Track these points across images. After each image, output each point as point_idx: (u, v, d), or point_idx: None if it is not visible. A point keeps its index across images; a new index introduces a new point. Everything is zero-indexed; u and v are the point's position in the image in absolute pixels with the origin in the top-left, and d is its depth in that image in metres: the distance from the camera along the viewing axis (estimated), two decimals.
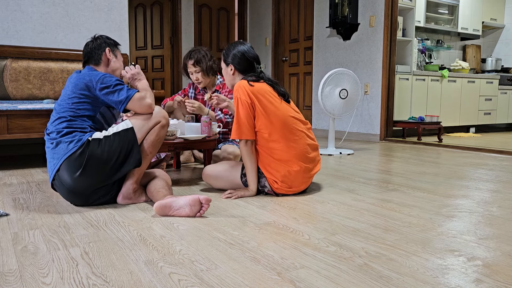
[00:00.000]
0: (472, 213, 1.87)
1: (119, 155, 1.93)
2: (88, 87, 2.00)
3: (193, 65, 2.96)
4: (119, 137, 1.94)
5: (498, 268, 1.26)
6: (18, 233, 1.58)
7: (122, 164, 1.95)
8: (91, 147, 1.89)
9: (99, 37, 2.21)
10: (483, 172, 2.94)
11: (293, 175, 2.11)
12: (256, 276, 1.20)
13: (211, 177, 2.25)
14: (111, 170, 1.93)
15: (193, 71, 2.99)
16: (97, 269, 1.25)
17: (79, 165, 1.87)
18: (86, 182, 1.90)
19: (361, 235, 1.56)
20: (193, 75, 3.01)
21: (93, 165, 1.88)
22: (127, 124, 1.99)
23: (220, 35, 6.98)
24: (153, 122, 2.03)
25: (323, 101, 3.85)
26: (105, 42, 2.19)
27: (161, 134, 2.06)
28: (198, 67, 2.95)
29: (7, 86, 3.42)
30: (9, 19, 3.58)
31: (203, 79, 3.00)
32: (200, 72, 2.96)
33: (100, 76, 2.02)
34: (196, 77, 3.00)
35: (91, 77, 2.02)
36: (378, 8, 4.88)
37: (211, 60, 2.99)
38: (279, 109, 2.11)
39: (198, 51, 2.98)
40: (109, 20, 4.03)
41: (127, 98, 2.00)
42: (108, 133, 1.96)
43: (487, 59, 6.73)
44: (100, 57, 2.15)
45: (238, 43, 2.25)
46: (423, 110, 5.42)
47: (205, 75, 2.99)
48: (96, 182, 1.92)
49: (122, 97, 2.00)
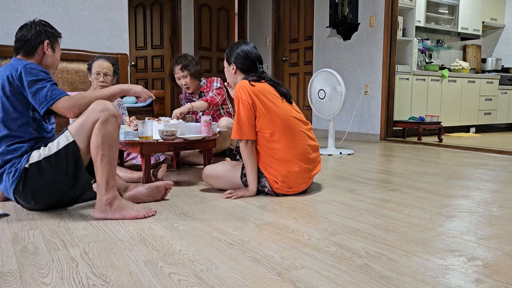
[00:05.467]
0: (472, 213, 1.87)
1: (67, 175, 1.76)
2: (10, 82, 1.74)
3: (181, 69, 3.07)
4: (60, 157, 1.73)
5: (498, 268, 1.26)
6: (18, 233, 1.58)
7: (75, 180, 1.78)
8: (30, 176, 1.72)
9: (39, 23, 1.89)
10: (483, 172, 2.94)
11: (294, 176, 2.11)
12: (256, 276, 1.20)
13: (211, 177, 2.25)
14: (65, 189, 1.79)
15: (180, 76, 3.09)
16: (97, 269, 1.24)
17: (29, 197, 1.77)
18: (47, 204, 1.82)
19: (361, 235, 1.56)
20: (180, 80, 3.12)
21: (43, 191, 1.76)
22: (67, 137, 1.75)
23: (220, 35, 6.98)
24: (91, 121, 1.72)
25: (311, 100, 3.89)
26: (46, 32, 1.89)
27: (108, 130, 1.71)
28: (186, 71, 3.06)
29: None
30: (9, 19, 3.58)
31: (191, 83, 3.11)
32: (188, 76, 3.08)
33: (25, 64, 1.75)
34: (184, 82, 3.11)
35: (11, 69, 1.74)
36: (378, 8, 4.88)
37: (197, 64, 3.11)
38: (281, 109, 2.11)
39: (185, 56, 3.10)
40: (109, 20, 4.03)
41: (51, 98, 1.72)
42: (48, 151, 1.73)
43: (487, 59, 6.73)
44: (35, 48, 1.86)
45: (242, 43, 2.25)
46: (423, 110, 5.42)
47: (193, 78, 3.10)
48: (57, 201, 1.83)
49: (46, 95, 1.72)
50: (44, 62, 1.90)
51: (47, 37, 1.88)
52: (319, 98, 3.82)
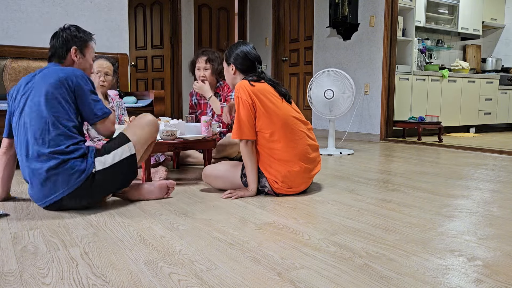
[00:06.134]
0: (472, 213, 1.87)
1: (124, 182, 1.94)
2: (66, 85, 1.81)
3: (205, 61, 3.07)
4: (123, 166, 1.88)
5: (499, 268, 1.26)
6: (18, 233, 1.58)
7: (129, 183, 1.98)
8: (97, 180, 1.82)
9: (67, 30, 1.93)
10: (483, 172, 2.94)
11: (294, 175, 2.11)
12: (256, 276, 1.20)
13: (211, 177, 2.25)
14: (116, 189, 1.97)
15: (202, 67, 3.09)
16: (97, 269, 1.24)
17: (88, 196, 1.83)
18: (94, 202, 1.91)
19: (361, 235, 1.56)
20: (200, 71, 3.11)
21: (100, 191, 1.87)
22: (130, 149, 1.91)
23: (220, 35, 6.98)
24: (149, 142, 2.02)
25: (312, 100, 3.87)
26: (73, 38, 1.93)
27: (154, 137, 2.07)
28: (210, 65, 3.08)
29: (6, 86, 3.42)
30: (9, 19, 3.58)
31: (209, 78, 3.10)
32: (210, 70, 3.08)
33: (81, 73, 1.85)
34: (203, 74, 3.10)
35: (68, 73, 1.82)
36: (378, 8, 4.88)
37: (221, 64, 3.10)
38: (280, 109, 2.11)
39: (213, 51, 3.13)
40: (109, 20, 4.03)
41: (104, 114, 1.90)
42: (112, 159, 1.86)
43: (487, 59, 6.73)
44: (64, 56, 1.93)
45: (241, 43, 2.26)
46: (423, 110, 5.42)
47: (213, 74, 3.11)
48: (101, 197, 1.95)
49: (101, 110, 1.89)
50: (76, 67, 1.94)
51: (74, 43, 1.91)
52: (326, 98, 3.80)
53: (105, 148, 1.89)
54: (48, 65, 1.93)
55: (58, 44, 1.91)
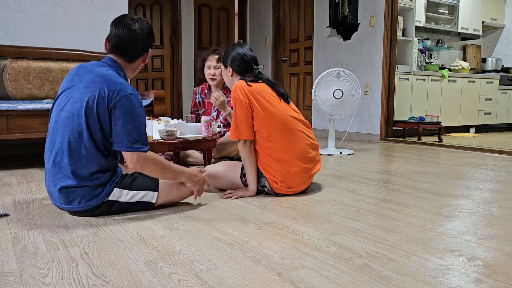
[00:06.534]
0: (472, 213, 1.87)
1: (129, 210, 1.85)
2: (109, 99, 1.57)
3: (217, 60, 3.08)
4: (136, 206, 1.81)
5: (499, 268, 1.26)
6: (18, 233, 1.58)
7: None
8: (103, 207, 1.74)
9: (145, 23, 1.62)
10: (483, 172, 2.94)
11: (293, 175, 2.11)
12: (256, 276, 1.20)
13: (211, 177, 2.25)
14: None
15: (212, 66, 3.09)
16: (97, 269, 1.24)
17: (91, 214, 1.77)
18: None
19: (361, 235, 1.56)
20: (210, 69, 3.11)
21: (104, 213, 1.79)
22: (152, 198, 1.81)
23: (220, 35, 6.98)
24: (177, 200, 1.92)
25: (317, 100, 3.86)
26: (151, 37, 1.67)
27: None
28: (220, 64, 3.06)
29: (6, 86, 3.42)
30: (9, 19, 3.57)
31: (219, 77, 3.10)
32: (220, 69, 3.08)
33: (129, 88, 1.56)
34: (213, 72, 3.10)
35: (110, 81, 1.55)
36: (378, 8, 4.88)
37: None
38: (278, 109, 2.12)
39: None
40: (109, 20, 4.03)
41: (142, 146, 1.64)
42: (129, 197, 1.76)
43: (487, 59, 6.73)
44: (138, 56, 1.68)
45: (237, 45, 2.26)
46: (423, 110, 5.42)
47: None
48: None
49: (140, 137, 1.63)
50: (130, 72, 1.73)
51: (151, 44, 1.67)
52: (335, 98, 3.80)
53: (131, 182, 1.78)
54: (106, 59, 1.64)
55: (140, 37, 1.58)
